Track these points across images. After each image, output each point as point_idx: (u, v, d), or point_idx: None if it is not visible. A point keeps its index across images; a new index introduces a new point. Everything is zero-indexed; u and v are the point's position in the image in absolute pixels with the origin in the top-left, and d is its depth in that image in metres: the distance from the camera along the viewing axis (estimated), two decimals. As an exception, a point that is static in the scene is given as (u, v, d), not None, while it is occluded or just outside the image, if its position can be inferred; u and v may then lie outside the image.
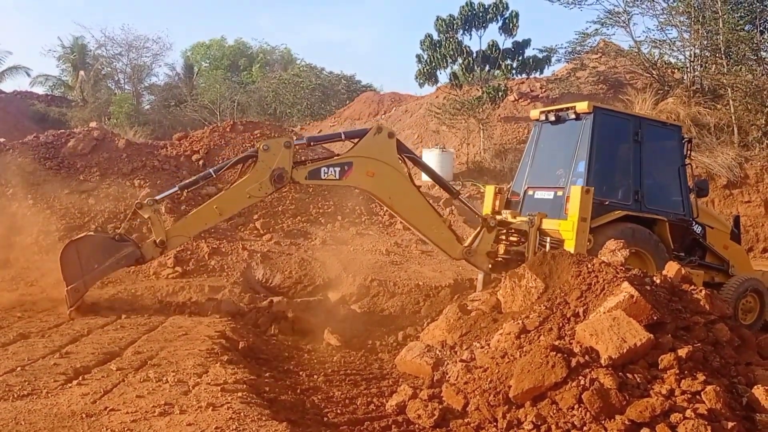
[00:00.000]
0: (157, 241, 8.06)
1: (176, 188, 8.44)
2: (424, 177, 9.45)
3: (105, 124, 21.73)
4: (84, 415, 4.30)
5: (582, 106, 9.11)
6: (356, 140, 8.68)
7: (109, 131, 17.58)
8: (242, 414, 4.30)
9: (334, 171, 8.37)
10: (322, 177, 8.39)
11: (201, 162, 16.34)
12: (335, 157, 8.72)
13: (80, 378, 5.15)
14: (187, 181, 8.51)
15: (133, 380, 5.12)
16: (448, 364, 6.15)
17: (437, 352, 6.54)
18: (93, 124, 18.56)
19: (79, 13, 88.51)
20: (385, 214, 15.85)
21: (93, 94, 35.95)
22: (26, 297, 9.64)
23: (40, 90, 39.71)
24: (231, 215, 9.07)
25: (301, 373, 6.41)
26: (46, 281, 10.96)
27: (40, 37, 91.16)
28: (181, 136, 17.93)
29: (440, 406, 5.05)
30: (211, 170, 8.47)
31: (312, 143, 8.99)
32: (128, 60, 39.03)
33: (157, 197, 8.38)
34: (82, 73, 36.86)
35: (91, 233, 8.12)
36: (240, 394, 4.77)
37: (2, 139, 16.63)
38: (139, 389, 4.86)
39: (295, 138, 8.58)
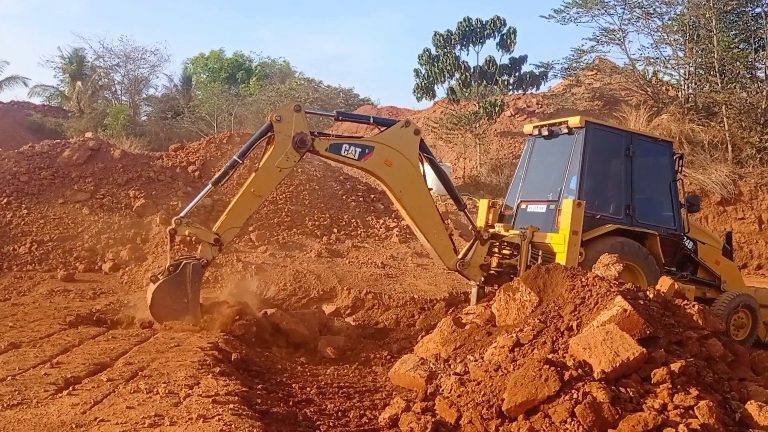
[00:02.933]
0: (212, 240, 8.04)
1: (210, 185, 8.36)
2: (430, 183, 9.47)
3: (101, 135, 21.71)
4: (74, 426, 4.26)
5: (574, 121, 9.17)
6: (383, 128, 8.80)
7: (105, 141, 17.59)
8: (233, 426, 4.26)
9: (355, 151, 8.41)
10: (342, 153, 8.41)
11: (197, 173, 16.34)
12: (360, 138, 8.75)
13: (71, 388, 5.10)
14: (217, 175, 8.45)
15: (123, 391, 5.07)
16: (441, 377, 6.12)
17: (431, 365, 6.51)
18: (89, 135, 18.56)
19: (78, 24, 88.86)
20: (381, 227, 15.85)
21: (90, 104, 36.00)
22: (18, 306, 9.58)
23: (37, 100, 39.79)
24: (269, 194, 9.03)
25: (294, 385, 6.37)
26: (37, 291, 10.94)
27: (39, 47, 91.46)
28: (177, 147, 17.94)
29: (433, 420, 5.01)
30: (235, 157, 8.33)
31: (341, 118, 9.05)
32: (126, 71, 39.16)
33: (182, 214, 8.26)
34: (79, 83, 36.91)
35: (153, 284, 8.07)
36: (231, 406, 4.72)
37: (-2, 149, 16.61)
38: (129, 400, 4.81)
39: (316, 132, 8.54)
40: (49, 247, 12.84)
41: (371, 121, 9.02)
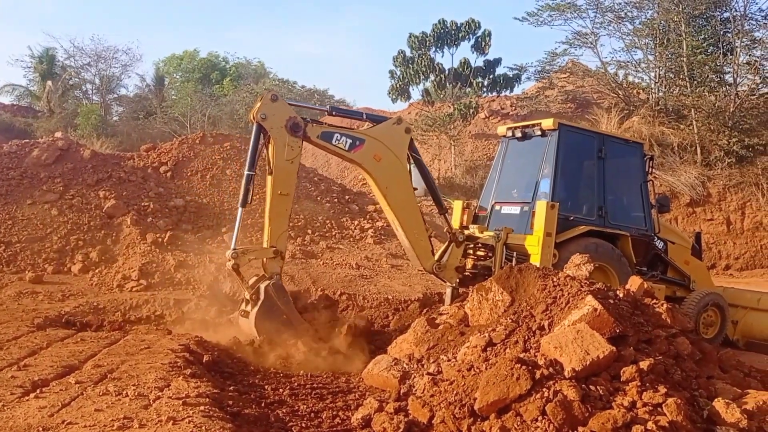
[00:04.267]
0: (271, 255, 7.99)
1: (240, 209, 8.20)
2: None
3: (71, 135, 21.36)
4: (41, 429, 4.19)
5: (547, 123, 9.25)
6: (375, 124, 8.85)
7: (75, 142, 17.32)
8: (204, 428, 4.22)
9: (346, 141, 8.42)
10: (333, 142, 8.40)
11: (169, 174, 16.17)
12: (352, 130, 8.78)
13: (38, 391, 5.02)
14: (241, 195, 8.31)
15: (92, 394, 5.00)
16: (415, 377, 6.13)
17: (404, 365, 6.52)
18: (58, 134, 18.24)
19: (49, 22, 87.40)
20: (355, 229, 15.84)
21: (60, 104, 35.39)
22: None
23: (6, 100, 38.97)
24: (294, 188, 8.94)
25: (266, 386, 6.33)
26: (5, 293, 10.73)
27: (7, 46, 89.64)
28: (149, 148, 17.74)
29: (406, 419, 5.01)
30: (246, 172, 8.19)
31: (334, 113, 9.04)
32: (97, 70, 38.55)
33: (232, 245, 8.03)
34: (49, 83, 36.25)
35: (245, 319, 8.00)
36: (202, 407, 4.68)
37: (-36, 149, 16.25)
38: (98, 403, 4.74)
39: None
40: (17, 248, 12.60)
41: (364, 117, 9.04)
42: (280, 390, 6.23)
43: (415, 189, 8.95)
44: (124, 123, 35.88)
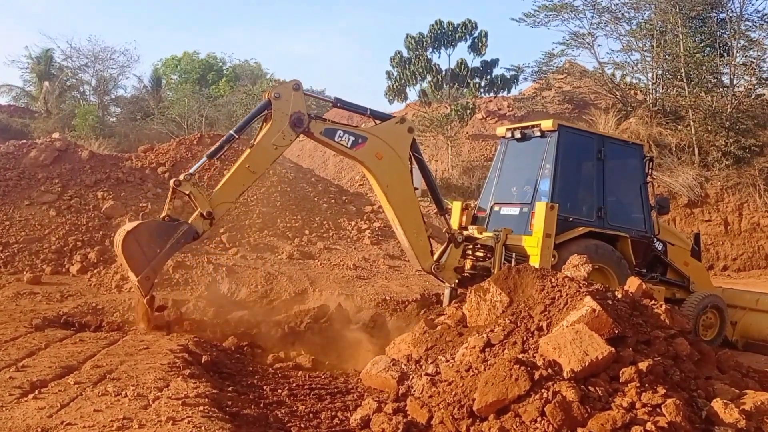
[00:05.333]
0: (204, 213, 7.89)
1: (205, 158, 8.24)
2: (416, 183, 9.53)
3: (69, 136, 21.33)
4: (40, 430, 4.19)
5: (547, 124, 9.26)
6: (378, 121, 8.87)
7: (73, 142, 17.29)
8: (203, 428, 4.22)
9: (348, 138, 8.45)
10: (336, 139, 8.43)
11: (167, 174, 16.12)
12: (355, 127, 8.80)
13: (36, 392, 5.01)
14: (212, 148, 8.34)
15: (91, 394, 5.00)
16: (413, 377, 6.14)
17: (403, 366, 6.52)
18: (56, 135, 18.20)
19: (45, 23, 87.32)
20: (353, 229, 15.83)
21: (57, 105, 35.34)
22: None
23: (2, 100, 38.94)
24: (264, 171, 8.94)
25: (265, 387, 6.33)
26: (3, 294, 10.70)
27: (5, 47, 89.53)
28: (146, 148, 17.71)
29: (404, 420, 5.02)
30: (232, 132, 8.24)
31: (338, 105, 9.07)
32: (94, 71, 38.51)
33: (191, 170, 8.09)
34: (46, 84, 36.20)
35: (143, 221, 7.92)
36: (201, 408, 4.68)
37: (-39, 149, 16.21)
38: (97, 403, 4.74)
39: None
40: (15, 249, 12.56)
41: (368, 112, 9.03)
42: (279, 390, 6.24)
43: (415, 189, 8.95)
44: (122, 124, 35.85)
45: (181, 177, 7.94)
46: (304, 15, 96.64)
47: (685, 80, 25.02)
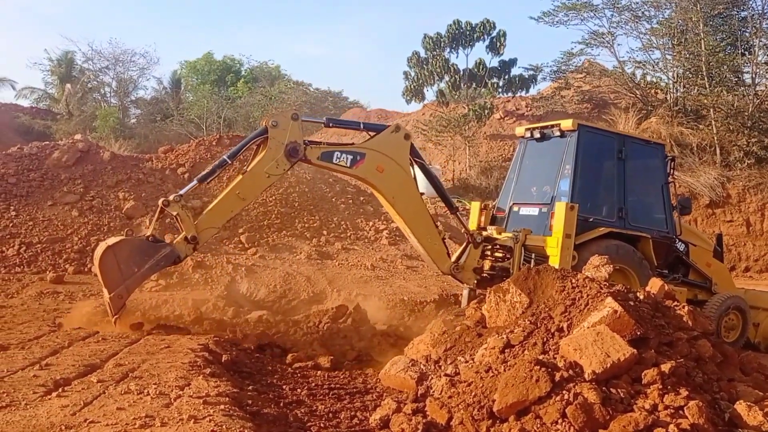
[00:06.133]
0: (189, 237, 7.82)
1: (195, 182, 8.25)
2: (422, 187, 9.46)
3: (90, 138, 21.59)
4: (63, 427, 4.23)
5: (567, 124, 9.20)
6: (373, 134, 8.73)
7: (94, 143, 17.51)
8: (224, 427, 4.25)
9: (347, 158, 8.37)
10: (334, 161, 8.35)
11: (186, 175, 16.29)
12: (350, 145, 8.72)
13: (60, 390, 5.06)
14: (204, 172, 8.37)
15: (113, 392, 5.04)
16: (432, 378, 6.12)
17: (421, 366, 6.51)
18: (78, 137, 18.44)
19: (66, 26, 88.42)
20: (370, 230, 15.86)
21: (79, 107, 35.77)
22: (6, 309, 9.51)
23: (25, 102, 39.47)
24: (254, 198, 8.92)
25: (284, 386, 6.35)
26: (26, 293, 10.86)
27: (27, 49, 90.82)
28: (166, 149, 17.88)
29: (424, 421, 5.01)
30: (225, 157, 8.24)
31: (331, 124, 9.02)
32: (115, 73, 38.95)
33: (182, 192, 8.07)
34: (68, 86, 36.67)
35: (125, 237, 7.93)
36: (222, 406, 4.71)
37: (-15, 150, 16.49)
38: (119, 401, 4.79)
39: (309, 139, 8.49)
40: (38, 249, 12.75)
41: (361, 127, 8.96)
42: (298, 390, 6.26)
43: (422, 194, 8.90)
44: (142, 125, 36.26)
45: (171, 197, 7.91)
46: (320, 17, 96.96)
47: (706, 79, 24.73)
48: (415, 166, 8.84)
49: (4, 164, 14.91)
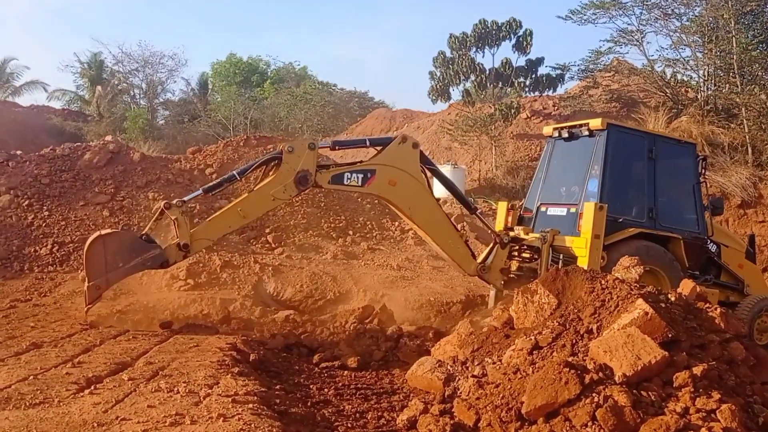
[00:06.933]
0: (181, 244, 7.86)
1: (200, 191, 8.37)
2: (439, 191, 9.37)
3: (120, 139, 21.93)
4: (95, 424, 4.30)
5: (596, 123, 9.10)
6: (380, 148, 8.70)
7: (125, 144, 17.77)
8: (253, 425, 4.28)
9: (357, 177, 8.37)
10: (345, 182, 8.37)
11: (214, 175, 16.43)
12: (359, 164, 8.68)
13: (92, 387, 5.16)
14: (211, 183, 8.44)
15: (144, 390, 5.13)
16: (459, 379, 6.11)
17: (448, 367, 6.49)
18: (108, 138, 18.73)
19: (97, 29, 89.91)
20: (396, 230, 15.85)
21: (109, 109, 36.34)
22: (40, 307, 9.70)
23: (57, 105, 40.20)
24: (255, 218, 8.97)
25: (311, 386, 6.40)
26: (59, 292, 11.06)
27: (58, 52, 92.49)
28: (194, 150, 18.08)
29: (451, 422, 5.00)
30: (235, 172, 8.32)
31: (337, 147, 9.04)
32: (144, 75, 39.50)
33: (185, 198, 8.19)
34: (99, 88, 37.27)
35: (119, 231, 8.02)
36: (251, 405, 4.76)
37: (19, 152, 16.82)
38: (150, 399, 4.86)
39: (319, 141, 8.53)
40: (70, 248, 12.98)
41: (367, 143, 8.93)
42: (325, 390, 6.30)
43: (438, 199, 8.85)
44: (170, 126, 36.69)
45: (174, 201, 7.99)
46: (345, 17, 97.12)
47: (738, 77, 24.25)
48: (428, 175, 8.78)
49: (38, 165, 15.20)
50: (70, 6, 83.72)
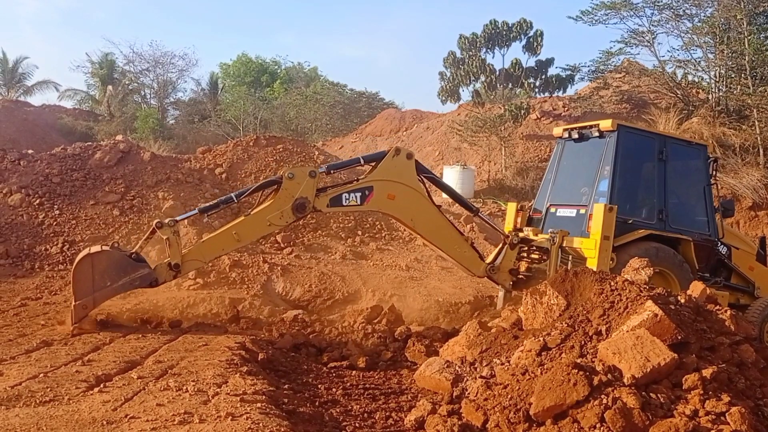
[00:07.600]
0: (172, 264, 7.84)
1: (196, 211, 8.36)
2: (444, 195, 9.37)
3: (131, 138, 22.06)
4: (105, 422, 4.33)
5: (606, 124, 9.07)
6: (375, 163, 8.65)
7: (135, 144, 17.85)
8: (261, 425, 4.29)
9: (356, 197, 8.34)
10: (344, 204, 8.34)
11: (224, 175, 16.51)
12: (355, 182, 8.63)
13: (101, 385, 5.19)
14: (207, 204, 8.41)
15: (153, 389, 5.15)
16: (467, 380, 6.09)
17: (456, 368, 6.48)
18: (119, 137, 18.83)
19: (108, 28, 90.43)
20: (405, 230, 15.84)
21: (120, 108, 36.55)
22: (50, 305, 9.75)
23: (68, 104, 40.50)
24: (249, 242, 8.92)
25: (319, 386, 6.40)
26: (69, 291, 11.11)
27: (70, 52, 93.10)
28: (204, 150, 18.14)
29: (459, 423, 4.99)
30: (233, 195, 8.34)
31: (332, 171, 9.01)
32: (155, 75, 39.72)
33: (178, 218, 8.18)
34: (110, 88, 37.52)
35: (108, 248, 8.00)
36: (259, 404, 4.77)
37: (31, 151, 16.95)
38: (159, 398, 4.89)
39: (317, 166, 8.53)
40: (81, 247, 13.02)
41: (361, 162, 8.90)
42: (333, 390, 6.29)
43: (439, 206, 8.84)
44: (180, 126, 36.89)
45: (166, 221, 7.96)
46: (355, 17, 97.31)
47: (749, 78, 24.09)
48: (426, 184, 8.76)
49: (49, 164, 15.29)
50: (81, 7, 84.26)
